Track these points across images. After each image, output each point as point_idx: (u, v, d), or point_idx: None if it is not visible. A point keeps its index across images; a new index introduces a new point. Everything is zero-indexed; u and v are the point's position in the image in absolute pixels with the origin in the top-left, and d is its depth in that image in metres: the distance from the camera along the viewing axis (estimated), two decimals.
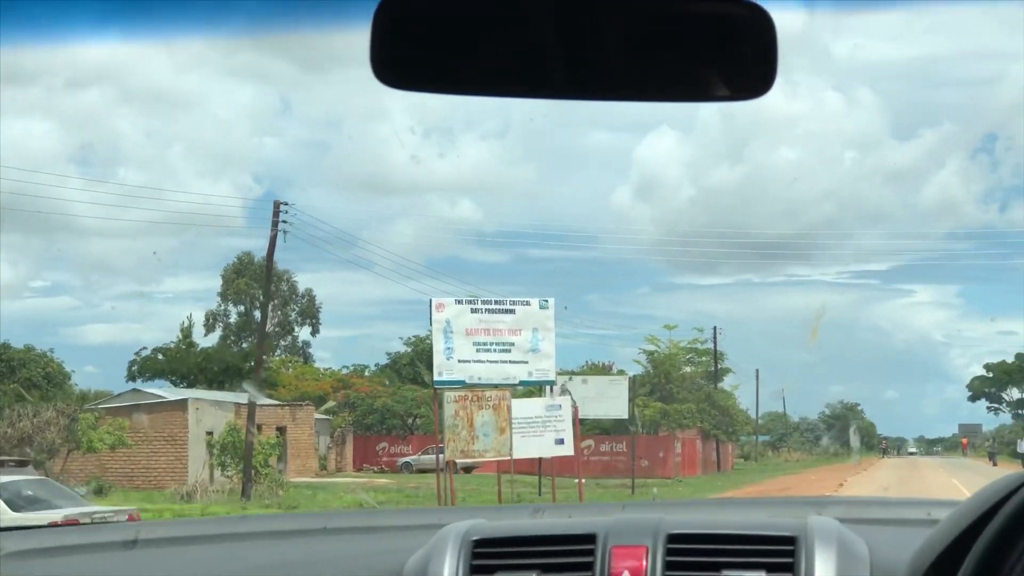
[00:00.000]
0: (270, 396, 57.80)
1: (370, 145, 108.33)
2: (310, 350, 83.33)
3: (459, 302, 26.37)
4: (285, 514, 3.80)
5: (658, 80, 1.61)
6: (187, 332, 71.88)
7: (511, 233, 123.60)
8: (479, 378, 25.56)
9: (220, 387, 59.06)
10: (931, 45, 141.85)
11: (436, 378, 25.82)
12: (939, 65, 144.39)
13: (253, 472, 34.03)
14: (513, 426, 24.16)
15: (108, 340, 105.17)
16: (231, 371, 69.96)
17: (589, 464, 50.14)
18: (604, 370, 58.19)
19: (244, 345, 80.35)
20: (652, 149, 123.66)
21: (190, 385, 63.22)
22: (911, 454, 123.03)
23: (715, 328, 65.55)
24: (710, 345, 64.99)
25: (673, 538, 1.97)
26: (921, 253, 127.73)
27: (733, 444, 71.75)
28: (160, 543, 2.56)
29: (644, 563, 1.92)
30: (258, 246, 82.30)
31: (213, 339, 78.99)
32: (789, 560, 1.92)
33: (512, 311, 26.16)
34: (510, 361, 26.03)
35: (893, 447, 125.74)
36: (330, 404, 59.85)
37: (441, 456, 24.54)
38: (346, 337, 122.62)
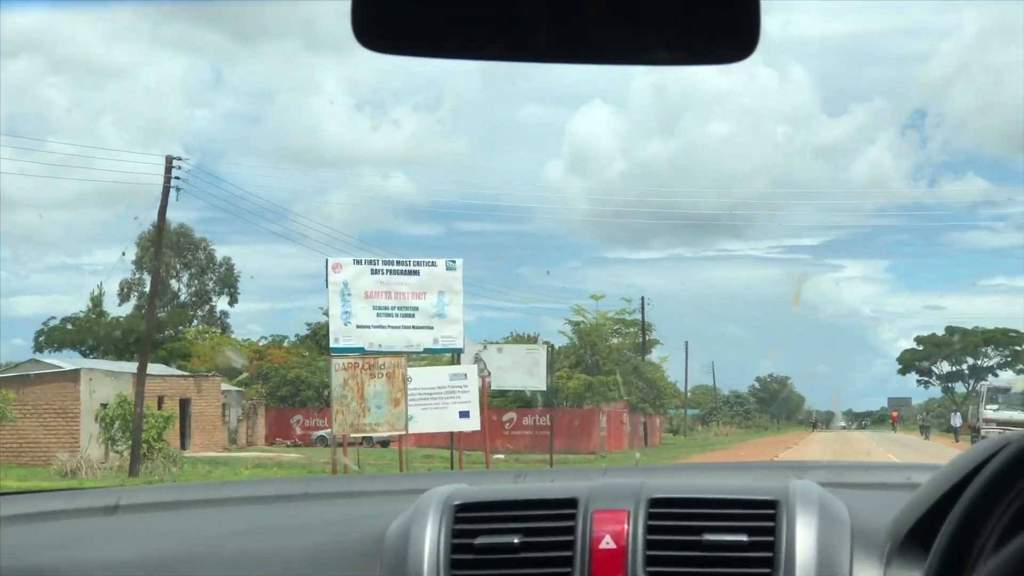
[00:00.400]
0: (182, 367, 55.78)
1: (302, 117, 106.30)
2: (228, 320, 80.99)
3: (358, 262, 24.14)
4: (267, 479, 3.93)
5: (643, 44, 1.56)
6: (97, 301, 69.72)
7: (443, 206, 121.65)
8: (380, 345, 23.46)
9: (132, 357, 57.04)
10: (862, 21, 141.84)
11: (333, 345, 23.72)
12: (870, 41, 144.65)
13: (146, 447, 31.74)
14: (414, 397, 21.98)
15: (37, 312, 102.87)
16: (143, 341, 68.25)
17: (512, 438, 48.53)
18: (529, 341, 56.28)
19: (161, 314, 78.60)
20: (585, 123, 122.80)
21: (101, 355, 61.08)
22: (841, 428, 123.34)
23: (643, 298, 63.84)
24: (638, 316, 63.25)
25: (655, 502, 1.97)
26: (851, 229, 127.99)
27: (661, 418, 70.24)
28: (141, 508, 2.57)
29: (626, 527, 1.93)
30: (189, 217, 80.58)
31: (129, 308, 76.84)
32: (771, 524, 1.92)
33: (416, 272, 24.06)
34: (414, 327, 23.97)
35: (823, 421, 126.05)
36: (243, 376, 57.74)
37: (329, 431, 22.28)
38: (278, 310, 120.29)
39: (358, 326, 23.61)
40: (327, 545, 2.20)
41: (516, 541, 1.95)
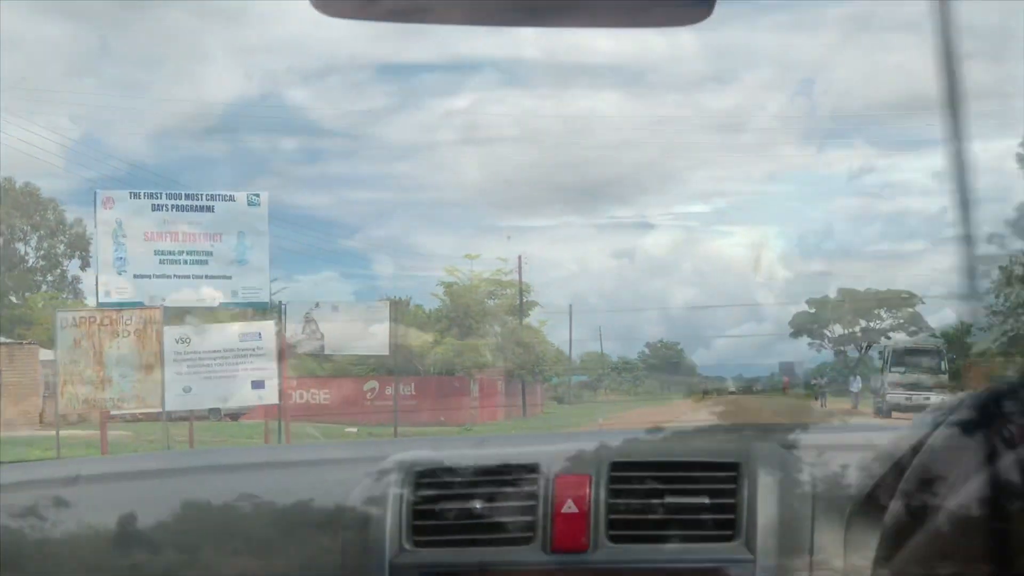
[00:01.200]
0: (22, 336, 51.10)
1: (191, 86, 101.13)
2: (80, 285, 75.70)
3: (135, 196, 19.37)
4: (231, 448, 4.10)
5: (605, 7, 1.55)
6: None
7: (334, 176, 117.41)
8: (163, 299, 18.82)
9: None
10: None
11: (102, 300, 18.98)
12: (752, 8, 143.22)
13: None
14: (192, 363, 17.39)
15: None
16: None
17: (373, 410, 44.70)
18: (401, 305, 52.20)
19: (6, 280, 73.55)
20: (476, 91, 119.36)
21: None
22: (731, 394, 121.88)
23: (519, 257, 59.67)
24: (515, 277, 59.20)
25: (616, 466, 1.97)
26: (740, 196, 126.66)
27: (544, 385, 66.51)
28: (103, 479, 2.51)
29: (588, 491, 1.92)
30: (67, 187, 75.88)
31: None
32: (732, 486, 1.93)
33: (210, 209, 19.41)
34: (207, 276, 19.37)
35: (713, 388, 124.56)
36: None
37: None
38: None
39: (135, 275, 18.95)
40: (288, 514, 2.16)
41: (478, 507, 1.94)
